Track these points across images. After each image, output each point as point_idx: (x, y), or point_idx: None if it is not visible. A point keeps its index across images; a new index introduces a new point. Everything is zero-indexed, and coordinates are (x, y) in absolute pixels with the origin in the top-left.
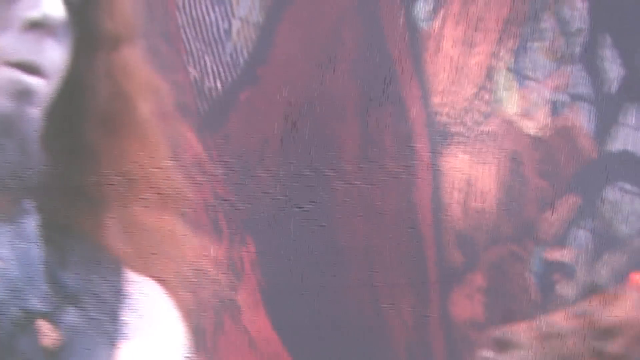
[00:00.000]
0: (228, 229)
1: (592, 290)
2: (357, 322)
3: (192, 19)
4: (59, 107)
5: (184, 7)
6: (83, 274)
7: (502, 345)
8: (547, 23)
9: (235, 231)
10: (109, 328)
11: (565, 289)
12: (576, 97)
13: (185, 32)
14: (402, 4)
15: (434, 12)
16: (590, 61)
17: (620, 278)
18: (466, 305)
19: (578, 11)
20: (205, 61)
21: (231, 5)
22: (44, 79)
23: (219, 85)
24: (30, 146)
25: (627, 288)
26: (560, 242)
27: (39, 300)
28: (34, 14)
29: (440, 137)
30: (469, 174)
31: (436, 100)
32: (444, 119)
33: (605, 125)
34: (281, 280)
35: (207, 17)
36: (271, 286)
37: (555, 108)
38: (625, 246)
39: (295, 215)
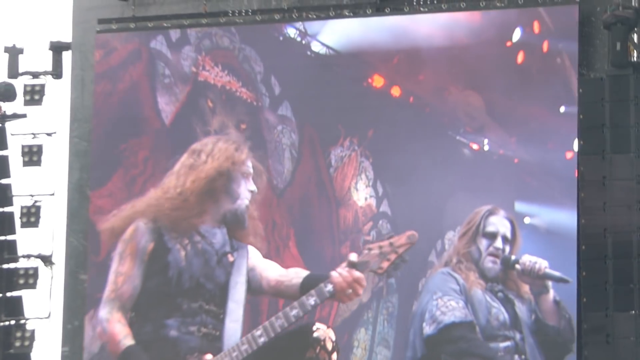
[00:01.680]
0: (272, 228)
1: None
2: None
3: (277, 170)
4: None
5: (274, 172)
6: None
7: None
8: (365, 182)
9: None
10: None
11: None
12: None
13: (273, 178)
14: (326, 168)
15: (335, 170)
16: (376, 191)
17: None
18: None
19: (370, 185)
20: (278, 181)
21: (283, 166)
22: None
23: (281, 185)
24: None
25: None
26: (369, 232)
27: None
28: (235, 206)
29: (337, 203)
30: (345, 215)
31: (336, 194)
32: (337, 198)
33: (378, 203)
34: None
35: (278, 167)
36: None
37: (365, 199)
38: (389, 235)
39: (299, 221)
